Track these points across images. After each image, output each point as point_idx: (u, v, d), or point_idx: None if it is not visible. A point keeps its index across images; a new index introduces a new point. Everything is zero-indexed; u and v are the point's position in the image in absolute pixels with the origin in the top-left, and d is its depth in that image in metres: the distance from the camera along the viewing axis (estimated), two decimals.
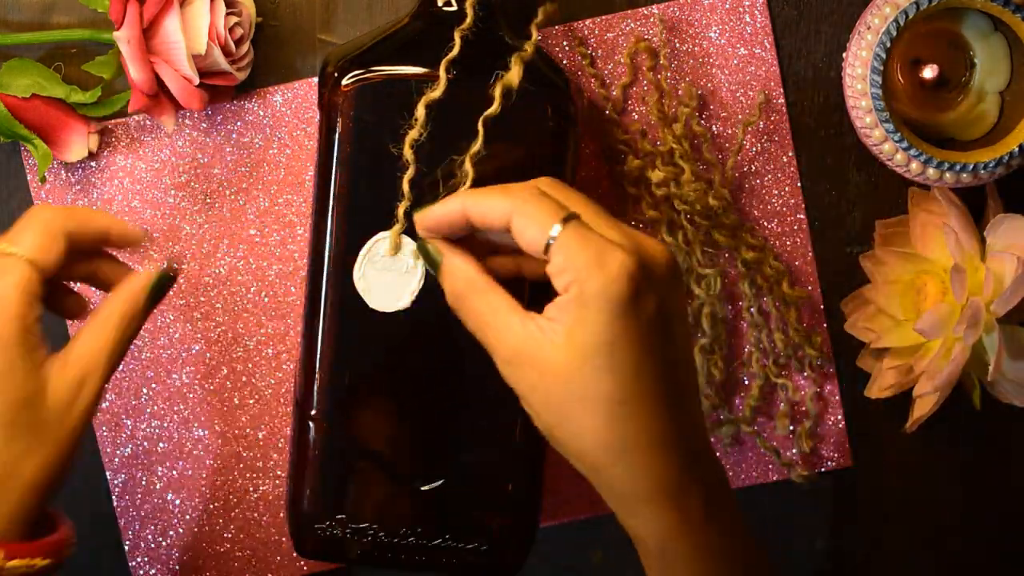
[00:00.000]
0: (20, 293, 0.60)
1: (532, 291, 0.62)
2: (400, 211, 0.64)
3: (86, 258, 0.66)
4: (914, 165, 0.70)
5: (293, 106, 0.75)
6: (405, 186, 0.63)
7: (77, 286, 0.72)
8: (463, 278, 0.59)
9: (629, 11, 0.74)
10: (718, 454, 0.77)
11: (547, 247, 0.55)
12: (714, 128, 0.75)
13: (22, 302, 0.60)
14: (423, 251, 0.61)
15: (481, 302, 0.58)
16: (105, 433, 0.77)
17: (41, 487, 0.61)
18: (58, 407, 0.60)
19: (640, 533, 0.58)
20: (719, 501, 0.58)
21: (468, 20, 0.64)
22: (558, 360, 0.55)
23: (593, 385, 0.55)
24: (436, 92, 0.63)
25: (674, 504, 0.57)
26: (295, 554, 0.72)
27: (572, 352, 0.55)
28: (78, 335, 0.62)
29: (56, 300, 0.66)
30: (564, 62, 0.74)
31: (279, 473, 0.77)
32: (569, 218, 0.56)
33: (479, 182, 0.63)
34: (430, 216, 0.60)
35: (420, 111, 0.63)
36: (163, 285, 0.64)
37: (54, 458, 0.61)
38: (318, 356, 0.67)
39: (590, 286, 0.54)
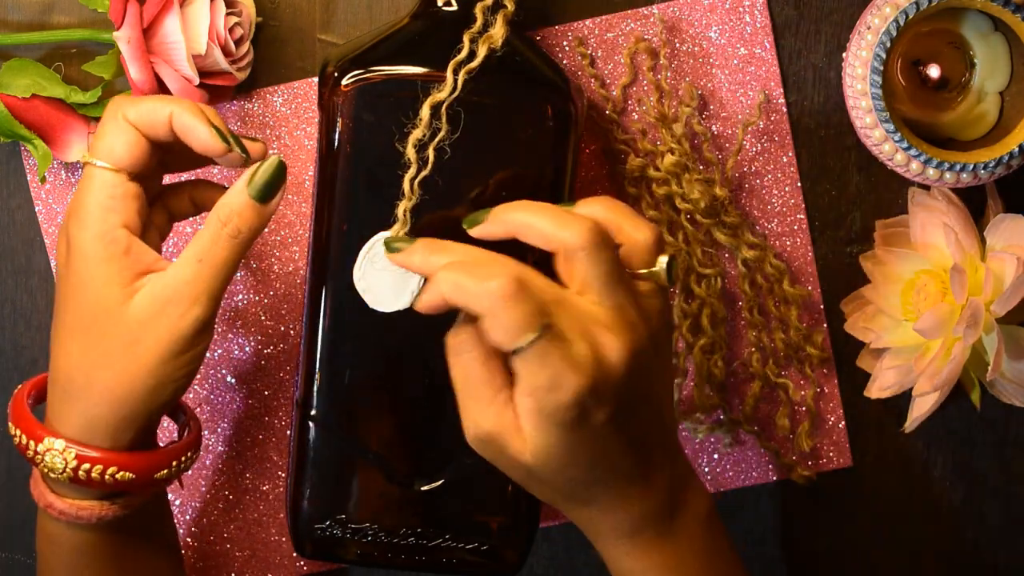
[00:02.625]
0: (96, 198, 0.59)
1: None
2: (401, 210, 0.64)
3: (179, 189, 0.66)
4: (914, 165, 0.70)
5: (293, 106, 0.75)
6: (407, 186, 0.63)
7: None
8: (466, 334, 0.58)
9: (629, 11, 0.74)
10: (718, 455, 0.77)
11: (513, 352, 0.55)
12: (714, 128, 0.75)
13: (100, 206, 0.59)
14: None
15: (475, 369, 0.57)
16: None
17: (120, 398, 0.60)
18: (136, 320, 0.59)
19: (611, 561, 0.62)
20: (691, 513, 0.61)
21: (477, 24, 0.64)
22: (522, 456, 0.57)
23: (553, 477, 0.58)
24: (443, 93, 0.63)
25: (644, 538, 0.60)
26: (295, 554, 0.72)
27: (534, 452, 0.56)
28: (185, 250, 0.61)
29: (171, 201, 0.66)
30: (564, 62, 0.74)
31: (279, 473, 0.77)
32: (544, 329, 0.55)
33: (479, 182, 0.63)
34: (402, 259, 0.61)
35: (425, 112, 0.63)
36: (272, 177, 0.61)
37: (132, 372, 0.59)
38: (318, 356, 0.67)
39: (545, 405, 0.55)
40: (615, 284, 0.57)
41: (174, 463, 0.63)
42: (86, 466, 0.60)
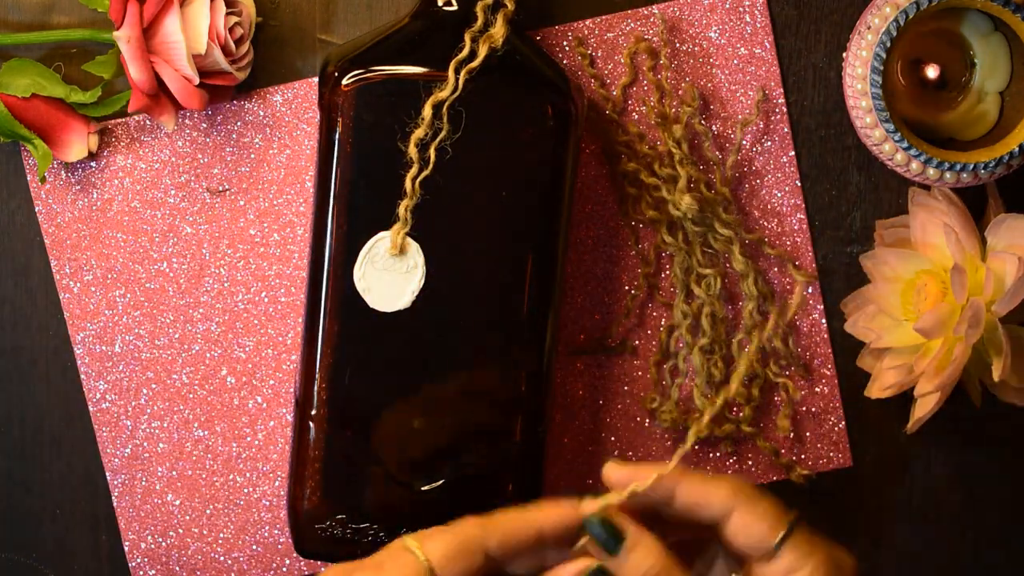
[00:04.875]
0: None
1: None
2: (403, 209, 0.64)
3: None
4: (914, 165, 0.70)
5: (293, 106, 0.75)
6: (409, 184, 0.63)
7: None
8: (658, 559, 0.56)
9: (629, 11, 0.74)
10: (718, 454, 0.77)
11: (778, 544, 0.57)
12: (714, 128, 0.75)
13: None
14: (597, 525, 0.57)
15: None
16: (105, 433, 0.77)
17: None
18: None
19: None
20: None
21: (478, 23, 0.64)
22: None
23: None
24: (445, 92, 0.63)
25: None
26: (295, 554, 0.72)
27: None
28: None
29: None
30: (564, 62, 0.74)
31: (279, 473, 0.77)
32: (798, 520, 0.58)
33: (479, 183, 0.63)
34: (629, 476, 0.58)
35: (427, 111, 0.63)
36: None
37: None
38: (318, 356, 0.67)
39: None
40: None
41: None
42: None
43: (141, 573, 0.77)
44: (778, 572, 0.57)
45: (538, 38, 0.74)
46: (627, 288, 0.76)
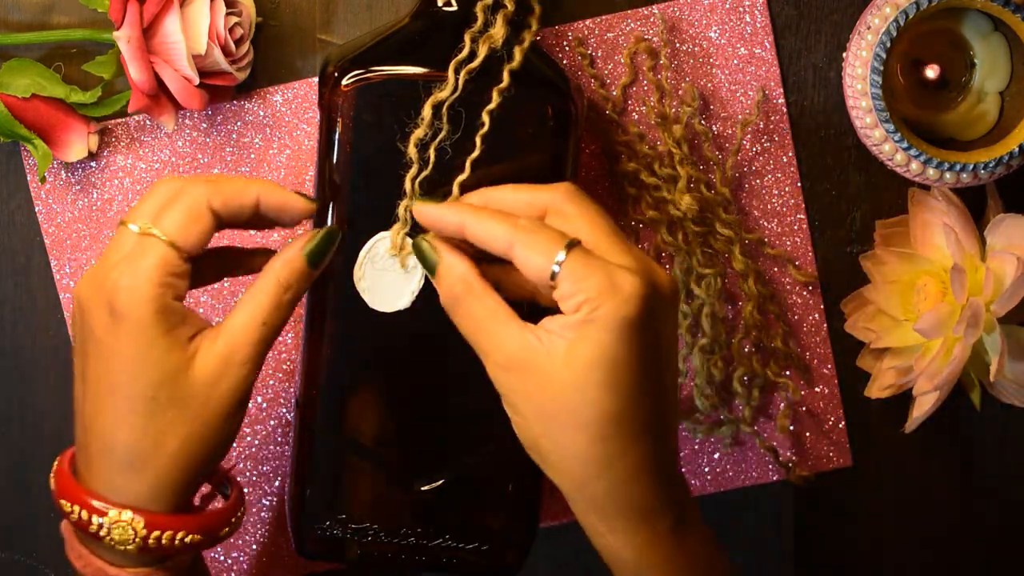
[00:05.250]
0: (157, 274, 0.58)
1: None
2: (402, 209, 0.64)
3: (236, 256, 0.66)
4: (914, 165, 0.70)
5: (293, 106, 0.75)
6: (408, 184, 0.63)
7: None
8: (460, 280, 0.59)
9: (629, 11, 0.74)
10: (718, 455, 0.77)
11: (553, 274, 0.56)
12: (714, 128, 0.75)
13: (158, 283, 0.58)
14: (419, 249, 0.61)
15: (478, 306, 0.59)
16: None
17: (188, 461, 0.60)
18: (203, 382, 0.59)
19: (613, 550, 0.60)
20: (690, 519, 0.60)
21: (478, 23, 0.64)
22: (556, 372, 0.56)
23: (589, 400, 0.56)
24: (444, 93, 0.63)
25: (649, 522, 0.58)
26: (295, 554, 0.72)
27: (573, 366, 0.56)
28: (234, 306, 0.61)
29: (210, 266, 0.65)
30: (564, 62, 0.74)
31: (279, 473, 0.77)
32: (572, 244, 0.57)
33: (479, 182, 0.63)
34: (430, 212, 0.61)
35: (427, 111, 0.63)
36: (324, 246, 0.63)
37: (200, 433, 0.60)
38: (318, 356, 0.67)
39: (603, 308, 0.55)
40: (616, 229, 0.59)
41: (232, 519, 0.64)
42: (156, 533, 0.60)
43: None
44: (560, 299, 0.56)
45: (538, 38, 0.74)
46: None
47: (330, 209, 0.66)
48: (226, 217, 0.61)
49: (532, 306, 0.62)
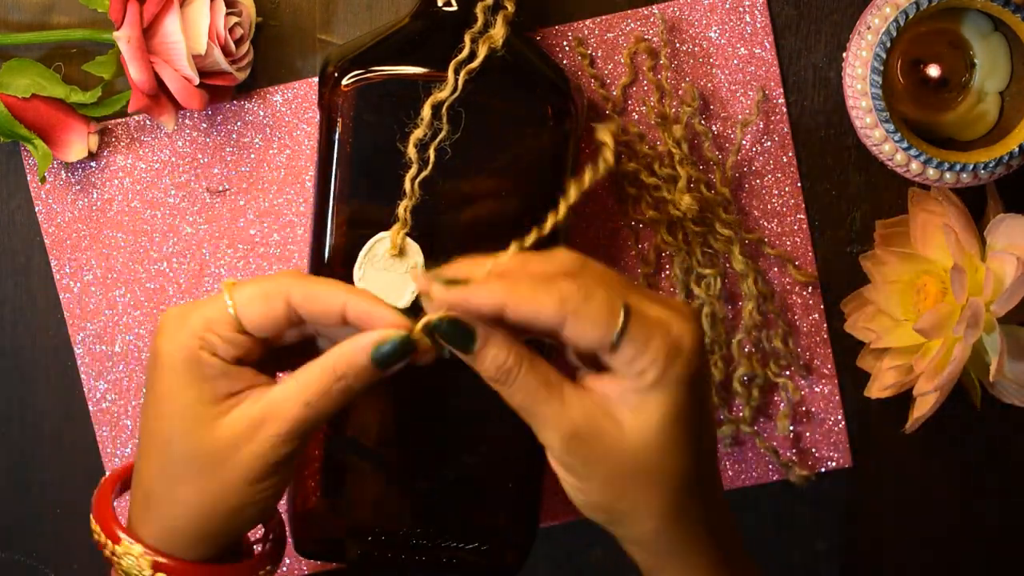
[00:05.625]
0: (200, 325, 0.57)
1: None
2: (402, 209, 0.64)
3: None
4: (914, 165, 0.70)
5: (293, 106, 0.75)
6: (408, 184, 0.63)
7: None
8: (509, 352, 0.56)
9: (629, 11, 0.74)
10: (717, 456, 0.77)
11: (613, 345, 0.54)
12: (714, 128, 0.75)
13: (198, 334, 0.57)
14: (449, 328, 0.56)
15: (531, 376, 0.56)
16: (105, 433, 0.76)
17: (201, 514, 0.58)
18: (226, 442, 0.57)
19: None
20: (736, 547, 0.62)
21: (478, 24, 0.64)
22: (627, 438, 0.56)
23: (663, 459, 0.56)
24: (444, 93, 0.63)
25: (708, 555, 0.59)
26: (295, 554, 0.72)
27: (643, 431, 0.56)
28: (285, 378, 0.58)
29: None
30: (564, 62, 0.74)
31: None
32: (628, 309, 0.55)
33: (479, 182, 0.63)
34: (457, 295, 0.55)
35: (426, 111, 0.63)
36: (395, 352, 0.57)
37: (215, 491, 0.58)
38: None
39: (672, 370, 0.55)
40: (630, 286, 0.57)
41: (258, 573, 0.62)
42: (161, 575, 0.59)
43: None
44: (621, 365, 0.55)
45: (538, 38, 0.74)
46: None
47: (330, 209, 0.66)
48: (304, 314, 0.57)
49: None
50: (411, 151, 0.63)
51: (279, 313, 0.57)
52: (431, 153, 0.63)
